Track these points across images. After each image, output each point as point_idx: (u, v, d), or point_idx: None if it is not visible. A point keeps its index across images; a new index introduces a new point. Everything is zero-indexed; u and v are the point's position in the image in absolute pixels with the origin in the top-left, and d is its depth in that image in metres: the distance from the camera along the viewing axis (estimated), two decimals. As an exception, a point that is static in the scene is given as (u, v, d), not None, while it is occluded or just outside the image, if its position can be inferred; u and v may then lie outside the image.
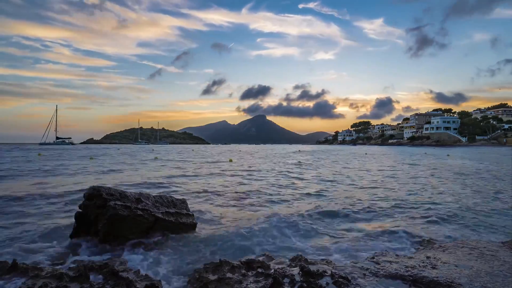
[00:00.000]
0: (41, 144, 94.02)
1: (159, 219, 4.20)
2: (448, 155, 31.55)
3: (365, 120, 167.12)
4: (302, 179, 12.03)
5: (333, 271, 2.65)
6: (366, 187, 9.65)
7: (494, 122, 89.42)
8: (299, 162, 22.47)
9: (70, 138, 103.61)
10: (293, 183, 10.67)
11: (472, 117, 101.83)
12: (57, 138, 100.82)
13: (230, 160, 23.66)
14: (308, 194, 8.30)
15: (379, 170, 15.93)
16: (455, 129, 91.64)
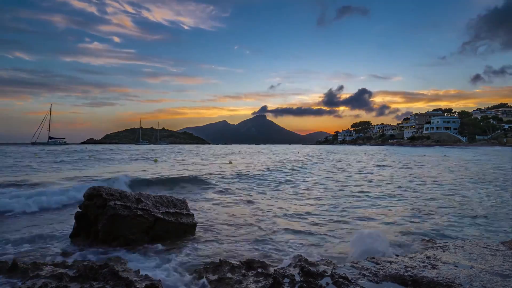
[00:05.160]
0: (32, 143, 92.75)
1: (159, 219, 4.21)
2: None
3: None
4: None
5: (333, 271, 2.65)
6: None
7: (494, 122, 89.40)
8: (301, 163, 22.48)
9: (64, 138, 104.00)
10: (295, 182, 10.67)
11: (472, 117, 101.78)
12: (50, 138, 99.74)
13: (230, 162, 23.68)
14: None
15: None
16: (455, 129, 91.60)
